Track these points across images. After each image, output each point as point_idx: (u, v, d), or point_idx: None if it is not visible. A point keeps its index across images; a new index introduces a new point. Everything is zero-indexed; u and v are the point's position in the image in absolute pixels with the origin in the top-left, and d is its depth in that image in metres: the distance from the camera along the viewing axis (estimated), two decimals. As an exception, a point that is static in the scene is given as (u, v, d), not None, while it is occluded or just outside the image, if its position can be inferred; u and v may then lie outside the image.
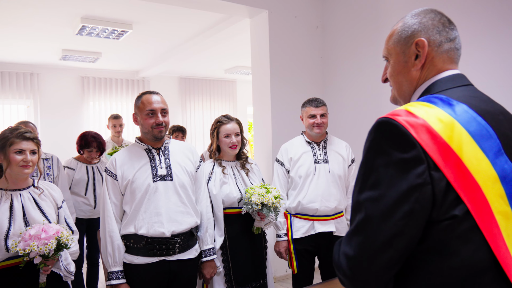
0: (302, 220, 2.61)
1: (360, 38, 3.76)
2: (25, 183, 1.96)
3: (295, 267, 2.59)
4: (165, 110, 2.09)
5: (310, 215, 2.59)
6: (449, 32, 0.97)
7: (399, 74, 1.03)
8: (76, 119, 6.78)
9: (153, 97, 2.06)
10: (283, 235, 2.61)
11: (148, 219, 1.98)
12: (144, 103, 2.05)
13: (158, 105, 2.05)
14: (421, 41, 0.97)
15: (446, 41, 0.97)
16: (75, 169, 3.40)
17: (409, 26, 0.99)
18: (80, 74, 6.93)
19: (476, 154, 0.82)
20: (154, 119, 2.04)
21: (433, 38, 0.97)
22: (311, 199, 2.56)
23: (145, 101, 2.06)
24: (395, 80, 1.05)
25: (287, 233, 2.62)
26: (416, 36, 0.98)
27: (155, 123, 2.04)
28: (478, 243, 0.80)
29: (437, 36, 0.97)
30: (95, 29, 4.58)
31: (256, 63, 4.07)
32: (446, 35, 0.97)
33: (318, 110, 2.59)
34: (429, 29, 0.97)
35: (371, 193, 0.83)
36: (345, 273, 0.85)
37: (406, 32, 1.00)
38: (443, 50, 0.97)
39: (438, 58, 0.97)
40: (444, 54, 0.97)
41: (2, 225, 1.79)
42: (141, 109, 2.06)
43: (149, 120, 2.04)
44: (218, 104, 8.30)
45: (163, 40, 5.38)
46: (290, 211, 2.66)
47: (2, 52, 5.66)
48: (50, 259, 1.78)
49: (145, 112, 2.04)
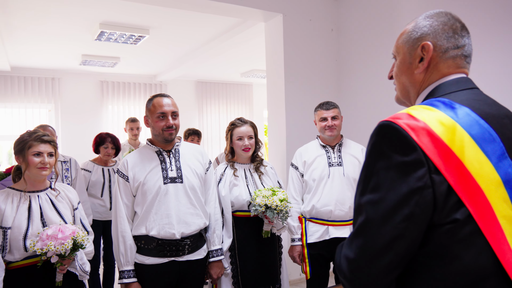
0: (316, 224, 2.58)
1: (376, 41, 3.73)
2: (43, 185, 2.02)
3: (308, 272, 2.57)
4: (176, 113, 2.13)
5: (324, 220, 2.56)
6: (458, 39, 0.96)
7: (403, 74, 1.03)
8: (95, 123, 6.92)
9: (164, 100, 2.10)
10: (297, 240, 2.60)
11: (159, 221, 2.02)
12: (155, 106, 2.09)
13: (169, 108, 2.09)
14: (427, 44, 0.96)
15: (453, 48, 0.96)
16: (91, 171, 3.47)
17: (419, 28, 0.99)
18: (99, 78, 7.07)
19: (478, 158, 0.81)
20: (165, 122, 2.08)
21: (440, 43, 0.96)
22: (325, 203, 2.54)
23: (156, 104, 2.09)
24: (399, 80, 1.05)
25: (301, 237, 2.60)
26: (424, 39, 0.97)
27: (166, 126, 2.08)
28: (481, 247, 0.79)
29: (444, 42, 0.96)
30: (113, 35, 4.68)
31: (271, 66, 4.08)
32: (454, 42, 0.96)
33: (329, 113, 2.58)
34: (438, 33, 0.96)
35: (371, 196, 0.83)
36: (345, 276, 0.85)
37: (416, 34, 0.99)
38: (449, 57, 0.96)
39: (442, 63, 0.96)
40: (449, 60, 0.96)
41: (21, 225, 1.85)
42: (152, 111, 2.10)
43: (159, 123, 2.08)
44: (235, 108, 8.34)
45: (179, 45, 5.45)
46: (305, 215, 2.64)
47: (25, 57, 5.84)
48: (66, 258, 1.84)
49: (156, 115, 2.08)
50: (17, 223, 1.85)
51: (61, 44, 5.21)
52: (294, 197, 2.65)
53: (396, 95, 1.09)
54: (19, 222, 1.86)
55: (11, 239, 1.83)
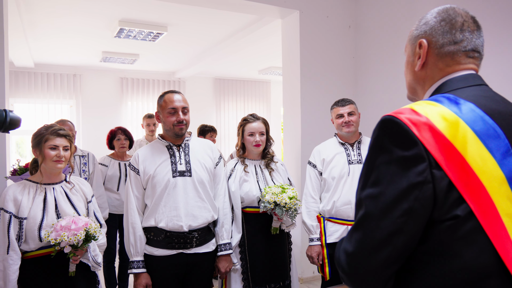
0: (336, 224, 2.53)
1: (394, 38, 3.66)
2: (58, 177, 2.07)
3: (327, 273, 2.50)
4: (186, 109, 2.16)
5: (344, 219, 2.50)
6: (455, 34, 0.94)
7: (408, 72, 1.04)
8: (115, 118, 7.04)
9: (175, 96, 2.14)
10: (316, 239, 2.53)
11: (167, 213, 2.06)
12: (166, 102, 2.13)
13: (180, 104, 2.13)
14: (421, 42, 0.97)
15: (449, 43, 0.94)
16: (108, 166, 3.54)
17: (420, 26, 1.00)
18: (119, 75, 7.20)
19: (481, 154, 0.79)
20: (175, 117, 2.11)
21: (435, 39, 0.95)
22: (345, 201, 2.48)
23: (167, 99, 2.14)
24: (406, 77, 1.06)
25: (320, 237, 2.54)
26: (422, 36, 0.98)
27: (176, 121, 2.11)
28: (482, 245, 0.77)
29: (439, 38, 0.95)
30: (132, 32, 4.75)
31: (287, 63, 4.07)
32: (450, 38, 0.94)
33: (345, 109, 2.54)
34: (434, 30, 0.96)
35: (372, 190, 0.82)
36: (344, 269, 0.85)
37: (416, 32, 1.00)
38: (445, 53, 0.95)
39: (440, 61, 0.95)
40: (447, 57, 0.95)
41: (36, 216, 1.91)
42: (163, 107, 2.14)
43: (170, 118, 2.12)
44: (252, 105, 8.35)
45: (197, 42, 5.49)
46: (324, 215, 2.57)
47: (48, 54, 6.00)
48: (79, 249, 1.88)
49: (167, 110, 2.12)
50: (33, 213, 1.91)
51: (82, 41, 5.33)
52: (312, 196, 2.61)
53: (407, 93, 1.10)
54: (35, 213, 1.91)
55: (26, 229, 1.89)
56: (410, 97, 1.09)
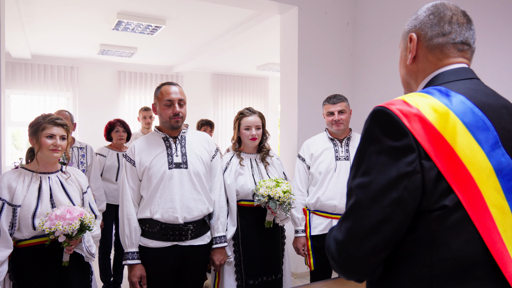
0: (320, 217, 2.60)
1: (392, 35, 3.67)
2: (54, 167, 2.07)
3: (312, 264, 2.59)
4: (183, 101, 2.16)
5: (329, 213, 2.57)
6: (443, 27, 0.96)
7: (400, 66, 1.06)
8: (112, 112, 7.02)
9: (172, 88, 2.14)
10: (301, 231, 2.61)
11: (163, 205, 2.06)
12: (162, 94, 2.13)
13: (176, 96, 2.13)
14: (411, 35, 0.99)
15: (437, 35, 0.96)
16: (106, 156, 3.55)
17: (410, 21, 1.02)
18: (117, 68, 7.17)
19: (470, 145, 0.81)
20: (172, 109, 2.11)
21: (424, 32, 0.97)
22: (330, 196, 2.54)
23: (163, 91, 2.14)
24: (400, 72, 1.08)
25: (305, 229, 2.61)
26: (412, 31, 1.00)
27: (173, 113, 2.11)
28: (469, 235, 0.79)
29: (428, 31, 0.97)
30: (130, 24, 4.74)
31: (285, 59, 4.07)
32: (438, 30, 0.96)
33: (336, 107, 2.57)
34: (423, 23, 0.98)
35: (362, 180, 0.84)
36: (333, 257, 0.87)
37: (407, 27, 1.03)
38: (434, 45, 0.96)
39: (430, 53, 0.97)
40: (436, 50, 0.96)
41: (30, 204, 1.91)
42: (159, 99, 2.14)
43: (167, 110, 2.12)
44: (250, 101, 8.35)
45: (195, 36, 5.48)
46: (309, 208, 2.64)
47: (45, 46, 5.97)
48: (73, 239, 1.88)
49: (163, 102, 2.12)
50: (27, 201, 1.91)
51: (80, 33, 5.30)
52: (300, 189, 2.66)
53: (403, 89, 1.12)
54: (29, 201, 1.91)
55: (20, 217, 1.89)
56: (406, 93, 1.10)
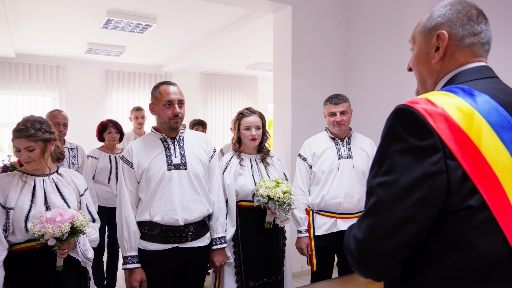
0: (324, 217, 2.57)
1: (385, 35, 3.70)
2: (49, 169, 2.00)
3: (315, 264, 2.56)
4: (182, 101, 2.12)
5: (333, 212, 2.55)
6: (474, 26, 0.95)
7: (420, 64, 1.03)
8: (99, 112, 6.91)
9: (171, 88, 2.09)
10: (304, 231, 2.59)
11: (162, 207, 2.03)
12: (161, 94, 2.08)
13: (176, 96, 2.08)
14: (442, 33, 0.96)
15: (469, 35, 0.95)
16: (98, 158, 3.48)
17: (433, 18, 0.99)
18: (105, 67, 7.06)
19: (495, 145, 0.80)
20: (171, 110, 2.07)
21: (455, 31, 0.95)
22: (334, 195, 2.53)
23: (162, 91, 2.08)
24: (417, 70, 1.05)
25: (308, 229, 2.59)
26: (439, 28, 0.97)
27: (172, 114, 2.07)
28: (495, 235, 0.79)
29: (459, 30, 0.95)
30: (120, 23, 4.66)
31: (278, 58, 4.06)
32: (470, 29, 0.95)
33: (338, 108, 2.56)
34: (452, 22, 0.96)
35: (384, 178, 0.83)
36: (353, 255, 0.86)
37: (430, 24, 0.99)
38: (465, 45, 0.95)
39: (459, 52, 0.96)
40: (466, 49, 0.95)
41: (23, 207, 1.85)
42: (158, 99, 2.09)
43: (166, 111, 2.07)
44: (239, 100, 8.33)
45: (186, 35, 5.42)
46: (313, 207, 2.62)
47: (30, 45, 5.82)
48: (64, 242, 1.82)
49: (162, 103, 2.07)
50: (20, 204, 1.85)
51: (67, 32, 5.19)
52: (302, 189, 2.64)
53: (416, 88, 1.09)
54: (22, 204, 1.86)
55: (13, 219, 1.83)
56: (420, 92, 1.08)
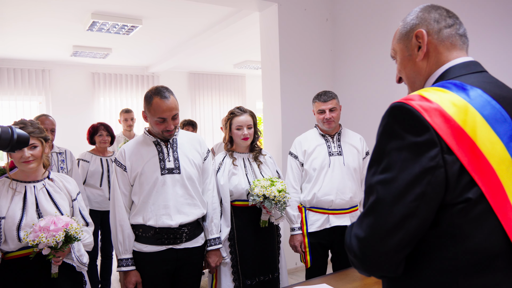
0: (317, 213, 2.58)
1: (371, 31, 3.73)
2: (39, 175, 1.97)
3: (309, 261, 2.57)
4: (176, 115, 2.06)
5: (325, 209, 2.56)
6: (446, 20, 0.99)
7: (406, 67, 1.05)
8: (87, 115, 6.84)
9: (165, 104, 1.99)
10: (297, 229, 2.59)
11: (156, 211, 2.02)
12: (155, 110, 1.99)
13: (170, 113, 2.01)
14: (419, 32, 0.99)
15: (445, 27, 0.99)
16: (89, 161, 3.46)
17: (407, 22, 1.03)
18: (91, 70, 6.99)
19: (490, 138, 0.82)
20: (165, 126, 2.03)
21: (431, 27, 0.99)
22: (326, 192, 2.54)
23: (156, 107, 1.99)
24: (405, 75, 1.07)
25: (301, 226, 2.60)
26: (415, 29, 1.01)
27: (166, 129, 2.04)
28: (492, 226, 0.80)
29: (434, 25, 0.99)
30: (106, 25, 4.61)
31: (266, 56, 4.06)
32: (444, 23, 0.99)
33: (327, 105, 2.56)
34: (426, 20, 1.00)
35: (383, 176, 0.84)
36: (355, 254, 0.86)
37: (406, 28, 1.03)
38: (444, 37, 0.99)
39: (441, 45, 0.99)
40: (446, 41, 0.99)
41: (14, 215, 1.82)
42: (151, 113, 2.02)
43: (159, 125, 2.03)
44: (227, 99, 8.33)
45: (172, 35, 5.40)
46: (305, 205, 2.63)
47: (14, 49, 5.74)
48: (59, 250, 1.79)
49: (155, 118, 2.01)
50: (11, 213, 1.82)
51: (52, 35, 5.12)
52: (294, 186, 2.65)
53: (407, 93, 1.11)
54: (13, 212, 1.82)
55: (5, 229, 1.80)
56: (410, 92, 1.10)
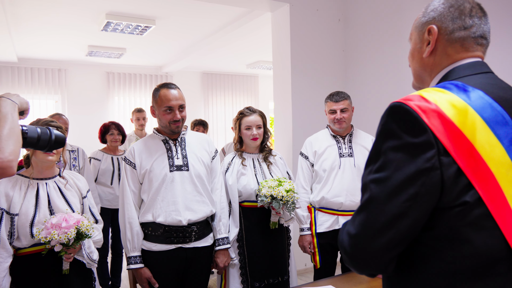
0: (326, 214, 2.57)
1: (383, 31, 3.69)
2: (51, 172, 2.01)
3: (318, 261, 2.56)
4: (183, 106, 2.12)
5: (334, 210, 2.55)
6: (465, 20, 0.94)
7: (414, 59, 1.04)
8: (101, 114, 6.94)
9: (171, 93, 2.07)
10: (306, 229, 2.58)
11: (165, 208, 2.04)
12: (162, 99, 2.07)
13: (176, 102, 2.07)
14: (431, 28, 0.97)
15: (459, 29, 0.95)
16: (101, 160, 3.52)
17: (427, 12, 0.99)
18: (106, 69, 7.09)
19: (490, 140, 0.80)
20: (172, 115, 2.07)
21: (445, 25, 0.95)
22: (336, 193, 2.52)
23: (163, 97, 2.07)
24: (411, 65, 1.06)
25: (310, 227, 2.59)
26: (430, 23, 0.98)
27: (173, 119, 2.08)
28: (491, 230, 0.79)
29: (449, 24, 0.95)
30: (120, 25, 4.68)
31: (277, 57, 4.06)
32: (460, 23, 0.94)
33: (339, 105, 2.55)
34: (443, 16, 0.96)
35: (378, 175, 0.83)
36: (346, 251, 0.86)
37: (424, 18, 1.00)
38: (456, 39, 0.95)
39: (450, 47, 0.96)
40: (456, 43, 0.95)
41: (28, 212, 1.86)
42: (159, 104, 2.09)
43: (166, 116, 2.08)
44: (240, 99, 8.34)
45: (185, 35, 5.44)
46: (314, 205, 2.62)
47: (32, 48, 5.86)
48: (70, 247, 1.83)
49: (162, 108, 2.07)
50: (24, 209, 1.86)
51: (67, 35, 5.22)
52: (304, 187, 2.63)
53: (412, 82, 1.10)
54: (26, 209, 1.86)
55: (18, 225, 1.84)
56: (415, 86, 1.09)
